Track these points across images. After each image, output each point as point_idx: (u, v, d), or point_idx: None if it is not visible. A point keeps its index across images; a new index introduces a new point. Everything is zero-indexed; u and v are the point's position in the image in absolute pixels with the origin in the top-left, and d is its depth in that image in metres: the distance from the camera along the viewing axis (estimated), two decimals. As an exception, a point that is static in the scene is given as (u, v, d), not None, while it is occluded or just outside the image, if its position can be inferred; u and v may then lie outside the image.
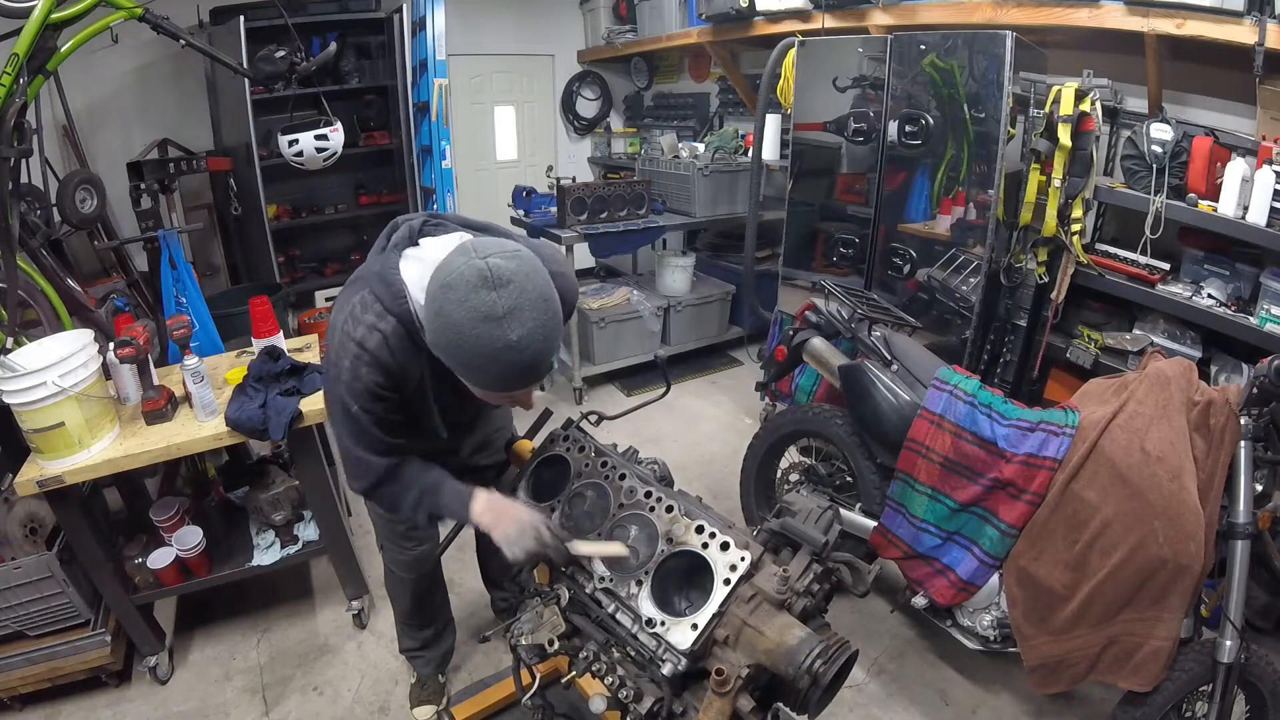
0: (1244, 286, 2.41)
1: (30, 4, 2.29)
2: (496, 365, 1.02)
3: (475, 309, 0.99)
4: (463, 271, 1.00)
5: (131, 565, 2.11)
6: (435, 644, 2.03)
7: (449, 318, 1.00)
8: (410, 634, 2.00)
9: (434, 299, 1.03)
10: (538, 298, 1.02)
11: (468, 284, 0.99)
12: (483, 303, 0.98)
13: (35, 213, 2.84)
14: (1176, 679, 1.59)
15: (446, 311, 1.00)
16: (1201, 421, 1.61)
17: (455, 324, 1.00)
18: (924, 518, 1.94)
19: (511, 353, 1.00)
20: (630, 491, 1.27)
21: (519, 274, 1.01)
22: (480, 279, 0.99)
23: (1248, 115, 2.50)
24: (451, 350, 1.04)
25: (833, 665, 1.01)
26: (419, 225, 1.26)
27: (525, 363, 1.02)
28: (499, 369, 1.03)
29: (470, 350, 1.01)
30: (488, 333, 0.99)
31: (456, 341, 1.01)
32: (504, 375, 1.04)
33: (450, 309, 1.00)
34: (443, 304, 1.01)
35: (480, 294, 0.99)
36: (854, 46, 2.99)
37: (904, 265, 2.90)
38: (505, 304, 0.99)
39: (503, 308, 0.99)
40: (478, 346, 1.00)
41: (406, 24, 4.23)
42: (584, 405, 3.91)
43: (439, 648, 2.04)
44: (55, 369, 1.70)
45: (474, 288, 0.99)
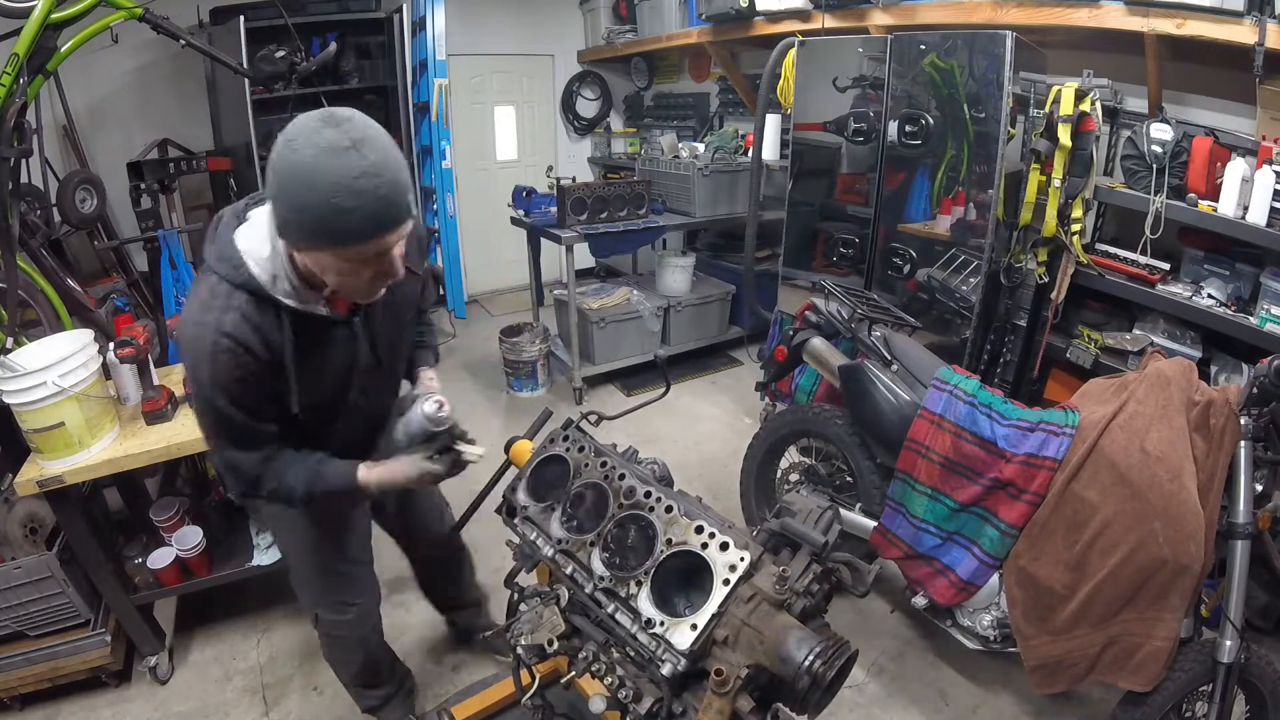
0: (1244, 286, 2.41)
1: (30, 4, 2.30)
2: (357, 197, 0.97)
3: (322, 146, 0.96)
4: (303, 123, 0.99)
5: (131, 565, 2.12)
6: (397, 693, 1.94)
7: (297, 163, 0.96)
8: (368, 695, 1.89)
9: (279, 162, 0.99)
10: (381, 133, 1.01)
11: (310, 128, 0.97)
12: (328, 139, 0.96)
13: (35, 213, 2.85)
14: (1176, 679, 1.59)
15: (293, 161, 0.97)
16: (1201, 421, 1.61)
17: (304, 167, 0.96)
18: (924, 518, 1.94)
19: (369, 178, 0.97)
20: (630, 491, 1.27)
21: (356, 114, 1.01)
22: (322, 120, 0.98)
23: (1248, 115, 2.50)
24: (306, 201, 0.97)
25: (832, 665, 1.01)
26: (244, 206, 1.22)
27: (382, 191, 0.99)
28: (361, 201, 0.97)
29: (325, 189, 0.96)
30: (341, 164, 0.95)
31: (309, 185, 0.96)
32: (367, 210, 0.99)
33: (296, 155, 0.96)
34: (287, 158, 0.97)
35: (325, 132, 0.96)
36: (854, 46, 2.99)
37: (904, 265, 2.90)
38: (352, 135, 0.97)
39: (350, 139, 0.96)
40: (332, 182, 0.95)
41: (406, 24, 4.24)
42: (584, 405, 3.91)
43: (400, 692, 1.96)
44: (55, 369, 1.70)
45: (317, 129, 0.97)
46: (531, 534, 1.35)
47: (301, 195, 0.97)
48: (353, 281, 1.11)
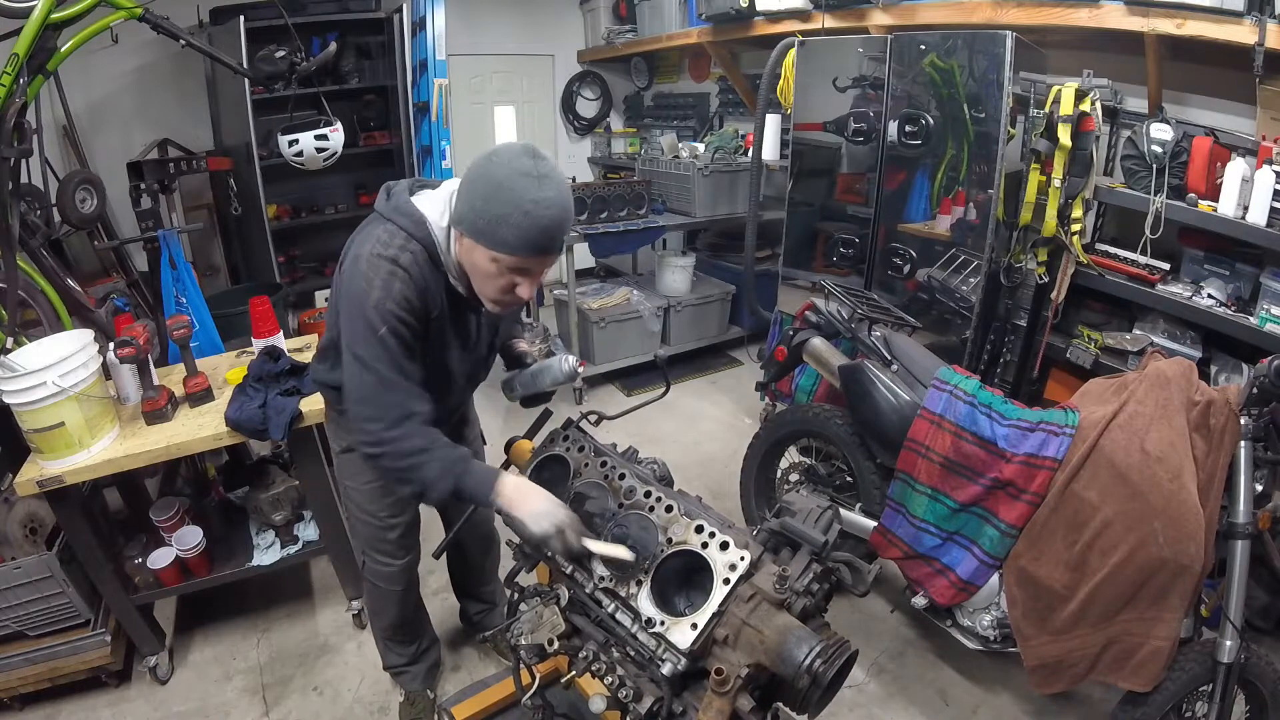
0: (1244, 286, 2.41)
1: (30, 4, 2.29)
2: (526, 217, 1.15)
3: (516, 168, 1.16)
4: (509, 146, 1.20)
5: (131, 565, 2.11)
6: (422, 658, 2.00)
7: (491, 175, 1.17)
8: (395, 650, 1.96)
9: (475, 169, 1.20)
10: (565, 181, 1.22)
11: (512, 152, 1.18)
12: (523, 165, 1.16)
13: (35, 213, 2.84)
14: (1176, 679, 1.59)
15: (488, 171, 1.18)
16: (1201, 421, 1.61)
17: (496, 178, 1.16)
18: (924, 518, 1.94)
19: (540, 206, 1.15)
20: (630, 491, 1.27)
21: (551, 160, 1.21)
22: (524, 150, 1.19)
23: (1248, 115, 2.50)
24: (487, 202, 1.17)
25: (832, 665, 1.01)
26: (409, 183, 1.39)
27: (550, 216, 1.17)
28: (527, 221, 1.16)
29: (505, 199, 1.15)
30: (524, 185, 1.15)
31: (494, 193, 1.16)
32: (530, 229, 1.16)
33: (493, 169, 1.17)
34: (486, 167, 1.18)
35: (522, 159, 1.17)
36: (854, 46, 2.99)
37: (904, 265, 2.90)
38: (541, 170, 1.17)
39: (539, 171, 1.16)
40: (512, 196, 1.15)
41: (406, 24, 4.23)
42: (584, 405, 3.90)
43: (425, 661, 2.01)
44: (55, 369, 1.70)
45: (517, 155, 1.18)
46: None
47: (487, 198, 1.17)
48: (488, 285, 1.27)
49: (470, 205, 1.20)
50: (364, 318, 1.23)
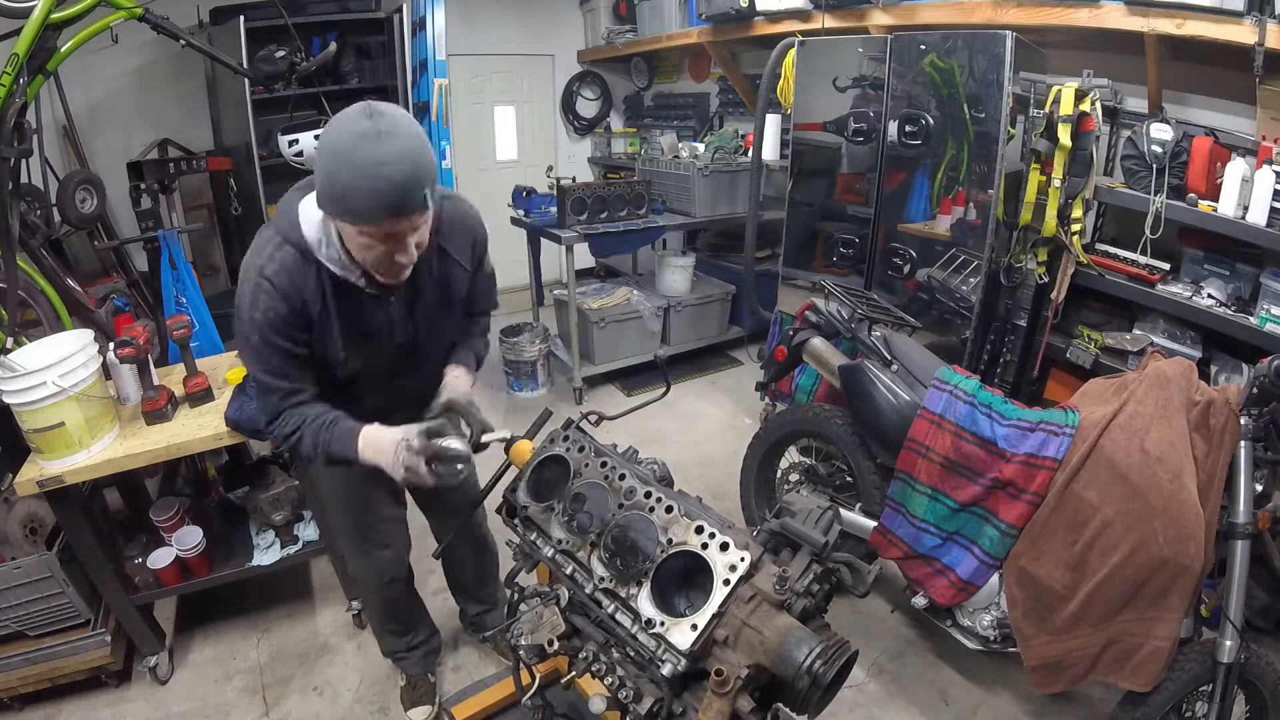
0: (1244, 286, 2.41)
1: (30, 4, 2.29)
2: (369, 181, 1.09)
3: (353, 131, 1.09)
4: (349, 109, 1.13)
5: (131, 565, 2.11)
6: (420, 645, 2.01)
7: (330, 144, 1.11)
8: (390, 639, 1.99)
9: (322, 138, 1.15)
10: (411, 132, 1.13)
11: (351, 114, 1.11)
12: (359, 127, 1.09)
13: (35, 213, 2.84)
14: (1176, 679, 1.59)
15: (329, 140, 1.11)
16: (1201, 421, 1.61)
17: (334, 148, 1.10)
18: (924, 518, 1.94)
19: (384, 167, 1.08)
20: (630, 491, 1.27)
21: (396, 112, 1.13)
22: (361, 111, 1.11)
23: (1248, 115, 2.50)
24: (332, 175, 1.11)
25: (832, 666, 1.01)
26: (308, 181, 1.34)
27: (399, 180, 1.10)
28: (374, 185, 1.09)
29: (346, 168, 1.09)
30: (363, 149, 1.08)
31: (335, 163, 1.10)
32: (379, 193, 1.10)
33: (331, 138, 1.11)
34: (327, 136, 1.12)
35: (359, 122, 1.10)
36: (854, 46, 2.99)
37: (904, 265, 2.90)
38: (381, 127, 1.09)
39: (378, 130, 1.09)
40: (353, 162, 1.09)
41: (406, 24, 4.23)
42: (584, 405, 3.91)
43: (424, 646, 2.03)
44: (55, 369, 1.70)
45: (354, 118, 1.11)
46: (531, 534, 1.35)
47: (329, 170, 1.11)
48: (369, 256, 1.23)
49: (321, 182, 1.15)
50: (240, 329, 1.30)
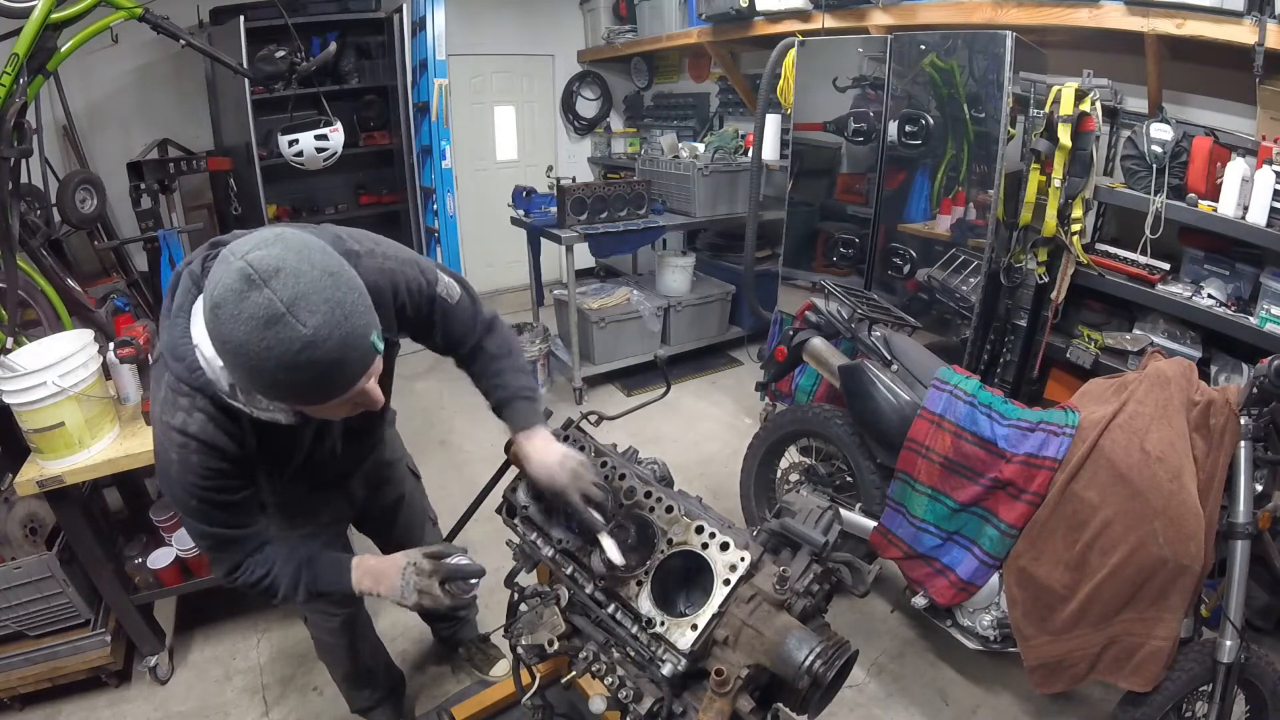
0: (1244, 286, 2.41)
1: (30, 4, 2.30)
2: (305, 372, 0.86)
3: (252, 317, 0.82)
4: (224, 282, 0.83)
5: (131, 565, 2.11)
6: (389, 697, 1.94)
7: (231, 341, 0.84)
8: (358, 695, 1.90)
9: (211, 330, 0.87)
10: (320, 275, 0.86)
11: (234, 293, 0.82)
12: (256, 307, 0.82)
13: (35, 213, 2.85)
14: (1176, 679, 1.59)
15: (225, 335, 0.84)
16: (1201, 421, 1.61)
17: (240, 345, 0.83)
18: (924, 518, 1.94)
19: (314, 349, 0.84)
20: (630, 492, 1.27)
21: (285, 259, 0.84)
22: (243, 281, 0.82)
23: (1248, 115, 2.50)
24: (253, 378, 0.88)
25: (832, 666, 1.01)
26: (200, 266, 1.04)
27: (334, 355, 0.87)
28: (310, 373, 0.86)
29: (268, 367, 0.84)
30: (276, 339, 0.82)
31: (251, 365, 0.85)
32: (319, 381, 0.89)
33: (228, 331, 0.83)
34: (219, 331, 0.85)
35: (250, 298, 0.82)
36: (854, 46, 2.99)
37: (904, 265, 2.90)
38: (283, 296, 0.82)
39: (281, 302, 0.82)
40: (274, 358, 0.83)
41: (406, 24, 4.24)
42: (584, 405, 3.90)
43: (392, 695, 1.95)
44: (55, 369, 1.70)
45: (241, 294, 0.82)
46: (531, 534, 1.35)
47: (246, 371, 0.87)
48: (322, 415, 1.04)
49: (239, 377, 0.94)
50: (173, 495, 1.12)
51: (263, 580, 1.20)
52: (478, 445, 3.43)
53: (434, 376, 4.17)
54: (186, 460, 1.06)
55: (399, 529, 1.80)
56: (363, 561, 1.25)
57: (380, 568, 1.24)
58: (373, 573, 1.24)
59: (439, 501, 2.04)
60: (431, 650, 2.28)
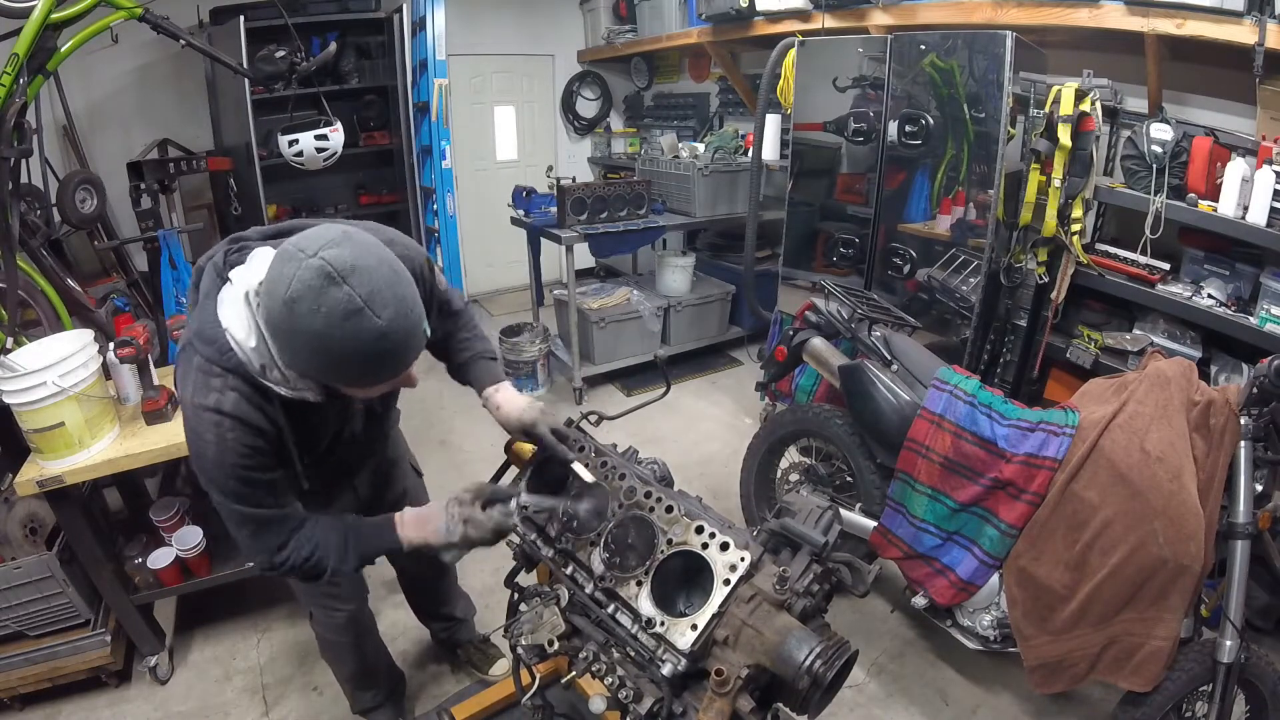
0: (1244, 286, 2.41)
1: (30, 4, 2.30)
2: (377, 357, 0.97)
3: (334, 310, 0.90)
4: (302, 278, 0.90)
5: (131, 565, 2.11)
6: (390, 697, 1.94)
7: (308, 331, 0.92)
8: (361, 695, 1.90)
9: (281, 321, 0.94)
10: (388, 273, 0.96)
11: (313, 289, 0.90)
12: (338, 301, 0.90)
13: (35, 213, 2.85)
14: (1176, 679, 1.59)
15: (303, 326, 0.92)
16: (1201, 421, 1.61)
17: (318, 334, 0.92)
18: (924, 518, 1.94)
19: (387, 339, 0.95)
20: (630, 491, 1.27)
21: (358, 256, 0.93)
22: (324, 278, 0.90)
23: (1248, 115, 2.50)
24: (325, 363, 0.97)
25: (833, 666, 1.01)
26: (223, 259, 1.13)
27: (403, 343, 0.98)
28: (380, 359, 0.98)
29: (345, 354, 0.94)
30: (356, 329, 0.92)
31: (327, 351, 0.94)
32: (386, 363, 0.99)
33: (306, 322, 0.91)
34: (294, 321, 0.92)
35: (331, 292, 0.90)
36: (854, 46, 2.99)
37: (904, 265, 2.90)
38: (361, 292, 0.91)
39: (360, 297, 0.91)
40: (352, 347, 0.93)
41: (406, 24, 4.24)
42: (584, 405, 3.91)
43: (394, 696, 1.96)
44: (55, 369, 1.70)
45: (321, 290, 0.90)
46: (531, 534, 1.35)
47: (319, 358, 0.96)
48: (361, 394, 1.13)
49: (305, 364, 0.99)
50: (210, 478, 1.12)
51: (310, 557, 1.21)
52: (478, 445, 3.44)
53: (434, 376, 4.15)
54: (223, 439, 1.07)
55: None
56: (403, 516, 1.27)
57: (424, 513, 1.27)
58: (417, 521, 1.26)
59: (439, 501, 2.04)
60: (431, 650, 2.28)
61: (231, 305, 1.07)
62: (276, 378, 1.08)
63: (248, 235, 1.17)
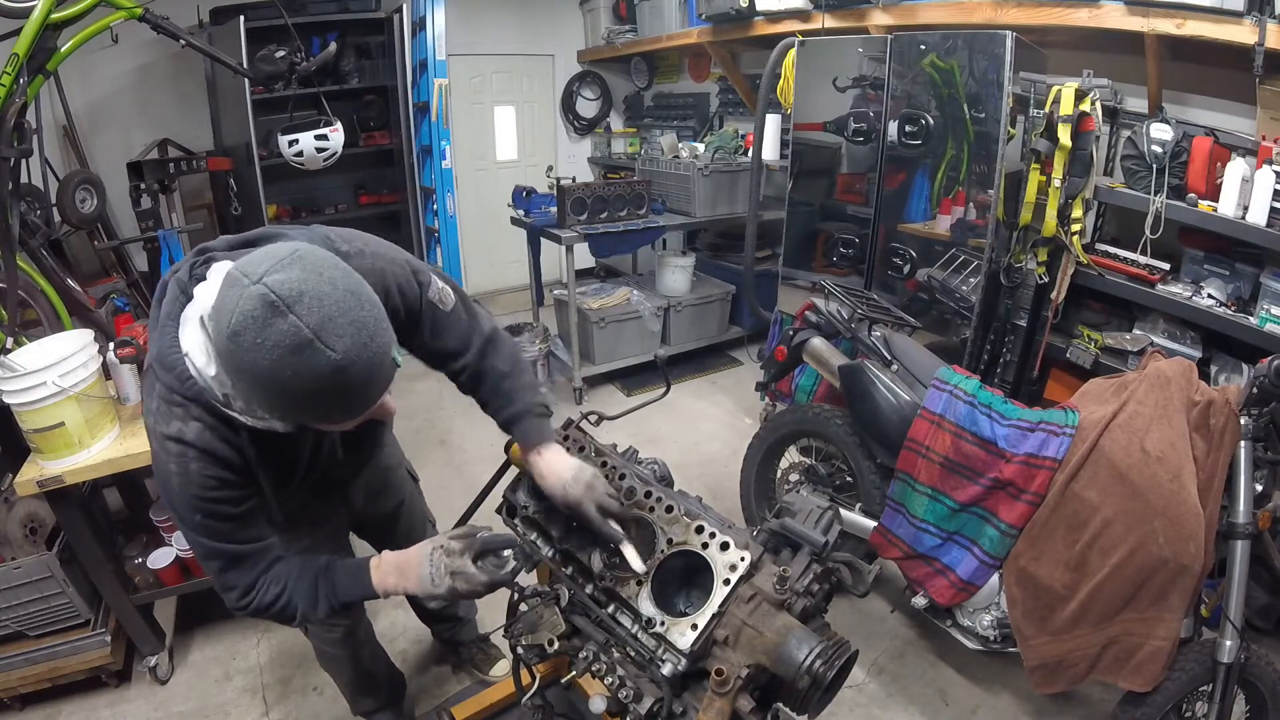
0: (1244, 286, 2.41)
1: (30, 4, 2.30)
2: (334, 395, 0.87)
3: (278, 345, 0.81)
4: (243, 308, 0.81)
5: (131, 565, 2.11)
6: (390, 701, 1.93)
7: (254, 369, 0.83)
8: (361, 700, 1.88)
9: (228, 356, 0.85)
10: (343, 296, 0.85)
11: (256, 321, 0.80)
12: (282, 335, 0.80)
13: (35, 213, 2.85)
14: (1176, 679, 1.59)
15: (248, 364, 0.83)
16: (1201, 421, 1.61)
17: (265, 373, 0.82)
18: (924, 518, 1.94)
19: (344, 374, 0.84)
20: (630, 492, 1.27)
21: (307, 281, 0.83)
22: (267, 308, 0.80)
23: (1248, 115, 2.50)
24: (278, 403, 0.88)
25: (833, 665, 1.01)
26: (188, 274, 1.04)
27: (363, 377, 0.87)
28: (338, 397, 0.88)
29: (298, 394, 0.85)
30: (306, 365, 0.82)
31: (278, 391, 0.85)
32: (347, 401, 0.90)
33: (250, 359, 0.82)
34: (239, 358, 0.83)
35: (275, 324, 0.80)
36: (854, 46, 2.99)
37: (904, 265, 2.90)
38: (310, 321, 0.81)
39: (309, 328, 0.81)
40: (304, 387, 0.84)
41: (406, 24, 4.24)
42: (584, 405, 3.90)
43: (393, 699, 1.95)
44: (55, 369, 1.70)
45: (265, 322, 0.80)
46: (532, 534, 1.35)
47: (270, 398, 0.87)
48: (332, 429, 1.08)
49: (259, 403, 0.91)
50: (176, 510, 1.06)
51: (277, 600, 1.14)
52: (477, 445, 3.43)
53: (434, 376, 4.14)
54: (186, 470, 1.02)
55: (400, 534, 1.79)
56: (381, 560, 1.19)
57: (403, 560, 1.17)
58: (396, 567, 1.17)
59: (439, 502, 2.04)
60: (431, 650, 2.28)
61: (194, 328, 0.98)
62: (240, 408, 1.00)
63: (214, 246, 1.06)
